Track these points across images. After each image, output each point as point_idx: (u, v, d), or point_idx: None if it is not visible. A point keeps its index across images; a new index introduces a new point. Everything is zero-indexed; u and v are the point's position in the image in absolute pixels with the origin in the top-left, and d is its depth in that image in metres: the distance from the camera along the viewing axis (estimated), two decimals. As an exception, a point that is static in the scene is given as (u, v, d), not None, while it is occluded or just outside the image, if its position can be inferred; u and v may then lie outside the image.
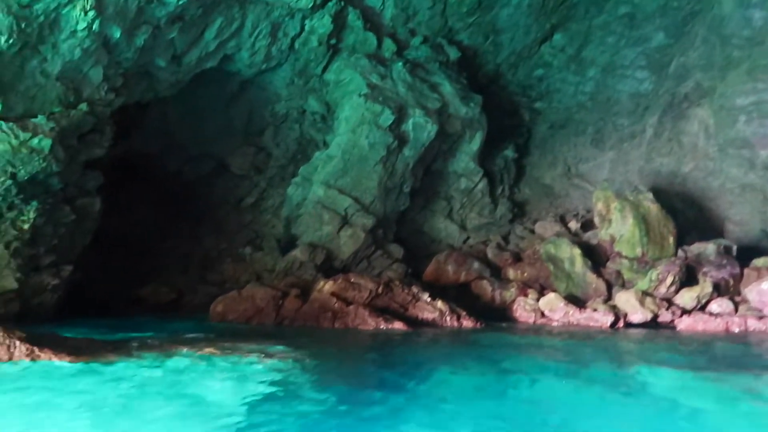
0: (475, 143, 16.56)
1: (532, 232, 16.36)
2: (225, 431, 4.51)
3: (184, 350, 7.71)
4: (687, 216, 15.19)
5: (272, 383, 6.06)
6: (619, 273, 13.42)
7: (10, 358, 7.13)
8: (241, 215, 16.48)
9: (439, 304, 11.89)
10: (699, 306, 12.26)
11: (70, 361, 7.04)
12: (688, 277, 12.70)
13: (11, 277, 10.61)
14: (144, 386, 5.90)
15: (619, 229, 13.79)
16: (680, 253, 13.51)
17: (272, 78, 15.80)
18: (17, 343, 7.42)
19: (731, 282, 12.66)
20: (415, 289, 12.24)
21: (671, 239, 13.62)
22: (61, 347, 7.53)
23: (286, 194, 15.75)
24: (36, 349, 7.34)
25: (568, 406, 5.71)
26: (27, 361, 7.03)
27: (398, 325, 11.00)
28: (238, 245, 15.86)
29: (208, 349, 7.84)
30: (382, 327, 10.92)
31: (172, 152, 16.10)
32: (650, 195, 14.09)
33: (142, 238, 14.94)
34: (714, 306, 12.17)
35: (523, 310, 12.84)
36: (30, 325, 8.82)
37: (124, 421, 4.82)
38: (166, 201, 15.69)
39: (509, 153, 18.22)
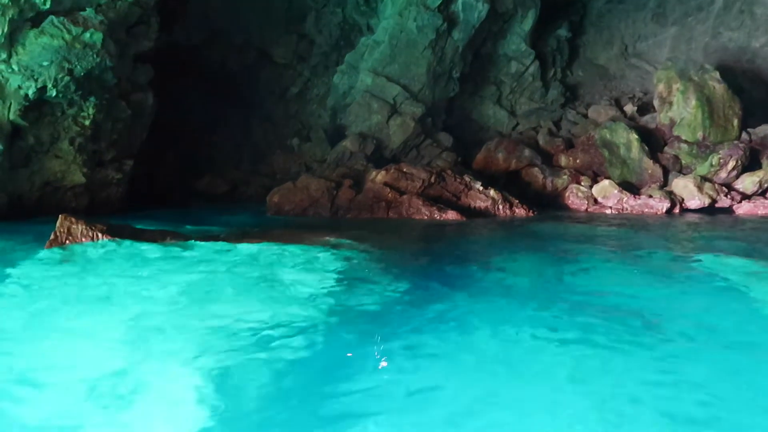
0: (527, 23, 15.70)
1: (586, 116, 15.87)
2: (314, 312, 4.82)
3: (255, 240, 8.05)
4: (754, 96, 14.43)
5: (345, 271, 6.35)
6: (677, 158, 13.07)
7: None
8: (287, 106, 16.42)
9: (492, 192, 11.92)
10: (760, 191, 11.98)
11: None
12: (752, 162, 12.31)
13: (78, 172, 11.10)
14: (225, 272, 6.26)
15: (680, 111, 13.23)
16: (744, 135, 13.00)
17: (312, -43, 14.98)
18: (99, 234, 7.92)
19: (797, 166, 12.26)
20: (467, 178, 12.24)
21: (736, 121, 13.05)
22: (139, 239, 7.99)
23: (332, 83, 15.49)
24: (118, 240, 7.84)
25: (632, 292, 5.84)
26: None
27: (451, 215, 11.14)
28: (286, 136, 15.97)
29: (276, 239, 8.19)
30: (435, 216, 11.09)
31: (215, 43, 15.82)
32: (716, 74, 13.33)
33: (195, 131, 15.17)
34: (776, 191, 11.89)
35: (576, 197, 12.79)
36: (100, 217, 9.31)
37: (214, 305, 5.15)
38: (214, 94, 15.69)
39: (562, 32, 17.25)
